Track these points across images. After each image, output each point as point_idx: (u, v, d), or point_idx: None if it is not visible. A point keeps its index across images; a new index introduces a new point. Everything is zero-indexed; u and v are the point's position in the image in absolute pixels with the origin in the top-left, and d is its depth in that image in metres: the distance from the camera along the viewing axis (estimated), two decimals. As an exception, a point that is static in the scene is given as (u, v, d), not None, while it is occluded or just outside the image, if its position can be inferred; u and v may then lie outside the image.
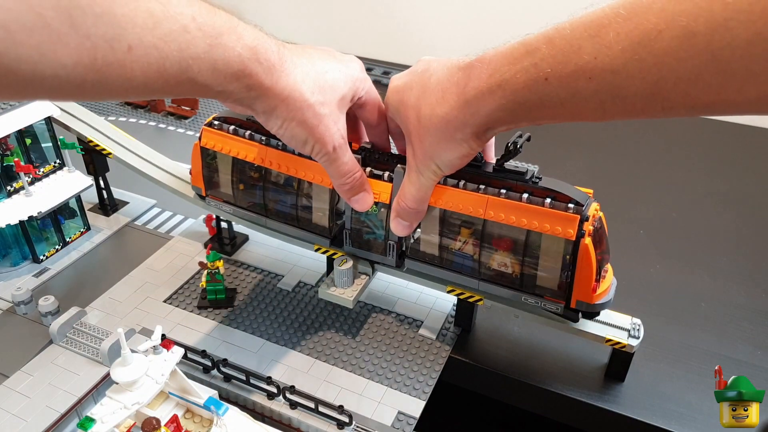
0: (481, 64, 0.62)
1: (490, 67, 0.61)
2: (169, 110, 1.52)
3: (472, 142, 0.66)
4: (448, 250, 0.81)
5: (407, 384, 0.83)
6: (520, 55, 0.58)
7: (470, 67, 0.63)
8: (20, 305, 0.92)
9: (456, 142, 0.66)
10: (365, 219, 0.85)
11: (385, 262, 0.87)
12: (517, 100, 0.58)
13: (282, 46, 0.64)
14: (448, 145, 0.67)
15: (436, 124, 0.65)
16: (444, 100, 0.65)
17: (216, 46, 0.55)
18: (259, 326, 0.92)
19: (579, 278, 0.73)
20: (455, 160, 0.69)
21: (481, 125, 0.63)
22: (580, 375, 0.85)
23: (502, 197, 0.74)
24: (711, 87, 0.44)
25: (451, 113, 0.64)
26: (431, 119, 0.66)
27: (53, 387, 0.81)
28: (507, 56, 0.59)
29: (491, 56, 0.62)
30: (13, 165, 0.96)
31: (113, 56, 0.47)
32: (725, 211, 1.20)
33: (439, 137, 0.66)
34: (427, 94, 0.67)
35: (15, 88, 0.45)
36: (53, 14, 0.43)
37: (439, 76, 0.67)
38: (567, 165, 1.34)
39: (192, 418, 0.72)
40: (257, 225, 0.94)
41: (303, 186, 0.86)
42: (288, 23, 1.98)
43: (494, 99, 0.60)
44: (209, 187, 0.96)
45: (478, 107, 0.62)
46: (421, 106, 0.67)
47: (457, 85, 0.63)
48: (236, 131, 0.88)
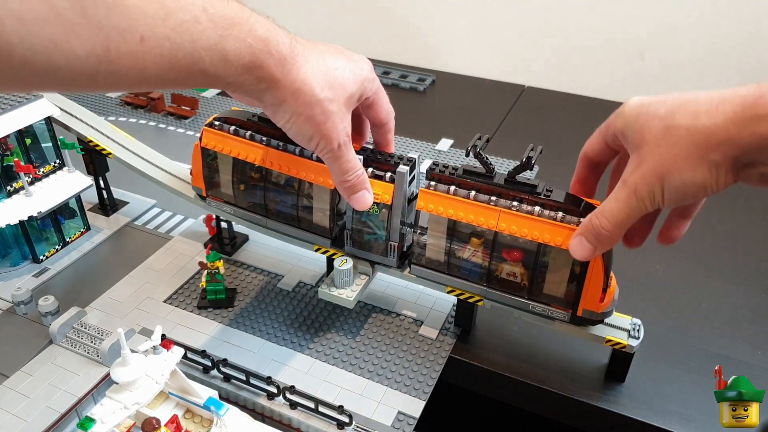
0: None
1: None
2: (169, 110, 1.52)
3: (724, 172, 0.56)
4: (456, 258, 0.81)
5: (407, 384, 0.83)
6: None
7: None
8: (20, 305, 0.92)
9: (706, 164, 0.56)
10: (366, 219, 0.85)
11: (386, 263, 0.87)
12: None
13: (294, 39, 0.64)
14: (693, 165, 0.57)
15: (692, 135, 0.57)
16: (717, 109, 0.57)
17: (227, 37, 0.55)
18: (259, 326, 0.92)
19: (587, 289, 0.74)
20: (690, 188, 0.58)
21: (750, 152, 0.54)
22: (580, 375, 0.85)
23: (513, 209, 0.74)
24: None
25: (718, 126, 0.55)
26: (687, 129, 0.57)
27: (53, 387, 0.81)
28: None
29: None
30: (13, 165, 0.96)
31: (126, 47, 0.47)
32: (725, 211, 1.20)
33: (686, 152, 0.57)
34: (691, 104, 0.59)
35: (29, 80, 0.45)
36: (66, 5, 0.43)
37: (712, 93, 0.59)
38: (567, 165, 1.33)
39: (192, 418, 0.72)
40: (258, 225, 0.94)
41: (304, 186, 0.86)
42: (288, 23, 1.98)
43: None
44: (210, 188, 0.96)
45: (763, 127, 0.53)
46: (677, 114, 0.59)
47: (744, 97, 0.55)
48: (237, 132, 0.88)
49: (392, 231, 0.84)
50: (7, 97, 0.97)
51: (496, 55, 1.75)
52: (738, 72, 1.51)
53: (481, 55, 1.77)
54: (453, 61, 1.80)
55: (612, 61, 1.63)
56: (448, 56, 1.81)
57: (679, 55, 1.55)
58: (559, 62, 1.69)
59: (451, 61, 1.80)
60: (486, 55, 1.77)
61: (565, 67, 1.69)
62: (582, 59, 1.66)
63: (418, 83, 1.69)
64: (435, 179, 0.80)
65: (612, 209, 0.63)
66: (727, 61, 1.51)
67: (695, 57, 1.54)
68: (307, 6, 1.94)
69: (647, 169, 0.60)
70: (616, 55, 1.62)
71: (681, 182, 0.58)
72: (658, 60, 1.58)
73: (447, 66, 1.81)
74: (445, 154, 1.38)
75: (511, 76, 1.75)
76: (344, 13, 1.90)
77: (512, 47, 1.73)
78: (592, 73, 1.66)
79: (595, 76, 1.66)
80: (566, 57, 1.67)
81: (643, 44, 1.58)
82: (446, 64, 1.81)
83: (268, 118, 0.88)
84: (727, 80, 1.53)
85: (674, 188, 0.58)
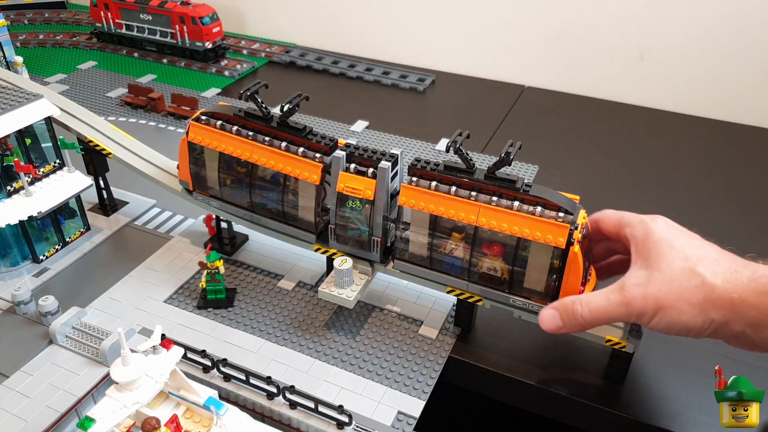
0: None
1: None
2: (169, 110, 1.52)
3: (714, 327, 0.65)
4: (438, 252, 0.82)
5: (407, 384, 0.83)
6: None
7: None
8: (20, 305, 0.92)
9: (704, 316, 0.65)
10: (350, 215, 0.85)
11: (370, 258, 0.88)
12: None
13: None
14: (694, 313, 0.65)
15: (706, 288, 0.65)
16: (727, 255, 0.67)
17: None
18: (258, 326, 0.92)
19: (566, 282, 0.75)
20: (678, 327, 0.67)
21: (745, 319, 0.64)
22: (580, 375, 0.85)
23: (493, 204, 0.75)
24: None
25: (728, 291, 0.64)
26: (703, 282, 0.65)
27: (53, 387, 0.81)
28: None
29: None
30: (13, 165, 0.96)
31: None
32: (725, 211, 1.20)
33: (695, 301, 0.65)
34: (711, 260, 0.67)
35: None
36: None
37: (728, 258, 0.68)
38: (566, 165, 1.34)
39: (192, 418, 0.72)
40: (243, 220, 0.95)
41: (289, 182, 0.87)
42: (288, 23, 1.98)
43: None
44: (196, 182, 0.96)
45: (757, 297, 0.63)
46: (699, 264, 0.66)
47: (754, 271, 0.65)
48: (224, 126, 0.89)
49: (375, 226, 0.84)
50: (7, 97, 0.97)
51: (496, 55, 1.75)
52: (738, 72, 1.51)
53: (481, 55, 1.77)
54: (453, 61, 1.80)
55: (612, 61, 1.63)
56: (448, 56, 1.81)
57: (678, 55, 1.55)
58: (559, 62, 1.69)
59: (451, 61, 1.80)
60: (486, 55, 1.77)
61: (565, 67, 1.69)
62: (582, 59, 1.66)
63: (418, 83, 1.69)
64: (417, 175, 0.81)
65: (599, 306, 0.70)
66: (727, 61, 1.51)
67: (695, 57, 1.54)
68: (307, 6, 1.94)
69: (651, 294, 0.66)
70: (616, 55, 1.62)
71: (675, 320, 0.66)
72: (657, 60, 1.58)
73: (447, 66, 1.81)
74: (444, 154, 1.38)
75: (510, 76, 1.75)
76: (344, 13, 1.90)
77: (512, 47, 1.73)
78: (592, 73, 1.66)
79: (595, 76, 1.66)
80: (566, 57, 1.67)
81: (643, 44, 1.58)
82: (446, 64, 1.81)
83: (254, 113, 0.90)
84: (728, 80, 1.53)
85: (666, 321, 0.66)
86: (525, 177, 0.77)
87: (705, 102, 1.57)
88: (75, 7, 2.22)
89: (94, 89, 1.66)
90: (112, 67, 1.80)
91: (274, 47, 1.90)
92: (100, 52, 1.90)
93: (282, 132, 0.88)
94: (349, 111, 1.56)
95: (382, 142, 1.43)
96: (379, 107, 1.59)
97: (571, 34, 1.64)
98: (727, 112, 1.54)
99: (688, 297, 0.65)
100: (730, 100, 1.54)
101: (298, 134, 0.87)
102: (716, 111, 1.55)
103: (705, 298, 0.64)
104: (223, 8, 1.94)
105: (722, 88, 1.55)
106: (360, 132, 1.47)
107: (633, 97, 1.63)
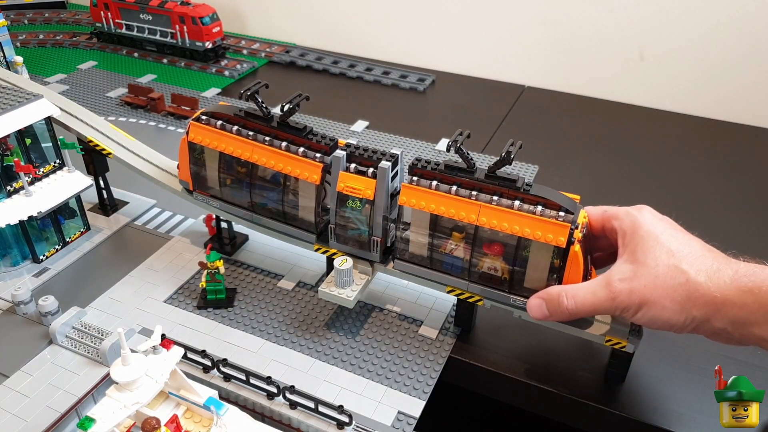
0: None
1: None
2: (169, 110, 1.52)
3: (694, 325, 0.67)
4: (438, 252, 0.82)
5: (407, 384, 0.83)
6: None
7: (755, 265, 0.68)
8: (20, 305, 0.92)
9: (686, 313, 0.67)
10: (350, 215, 0.85)
11: (370, 258, 0.88)
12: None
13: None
14: (676, 309, 0.67)
15: (688, 286, 0.67)
16: (711, 252, 0.69)
17: None
18: (258, 326, 0.92)
19: (567, 282, 0.75)
20: (661, 322, 0.69)
21: (726, 317, 0.66)
22: (580, 375, 0.85)
23: (493, 204, 0.75)
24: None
25: (710, 289, 0.66)
26: (687, 280, 0.67)
27: (53, 387, 0.81)
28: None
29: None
30: (13, 165, 0.96)
31: None
32: (725, 211, 1.20)
33: (678, 298, 0.67)
34: (696, 257, 0.68)
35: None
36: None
37: (711, 255, 0.70)
38: (567, 165, 1.34)
39: (192, 418, 0.72)
40: (243, 220, 0.95)
41: (289, 182, 0.87)
42: (288, 24, 1.98)
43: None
44: (196, 182, 0.96)
45: (739, 295, 0.64)
46: (684, 261, 0.68)
47: (736, 270, 0.67)
48: (224, 126, 0.89)
49: (375, 226, 0.84)
50: (7, 97, 0.97)
51: (496, 55, 1.75)
52: (738, 72, 1.51)
53: (481, 55, 1.77)
54: (453, 61, 1.80)
55: (612, 61, 1.63)
56: (448, 56, 1.81)
57: (678, 55, 1.55)
58: (559, 62, 1.69)
59: (451, 61, 1.80)
60: (486, 55, 1.77)
61: (565, 67, 1.69)
62: (582, 59, 1.66)
63: (418, 83, 1.69)
64: (417, 174, 0.81)
65: (585, 299, 0.71)
66: (727, 61, 1.51)
67: (695, 57, 1.54)
68: (307, 6, 1.94)
69: (636, 289, 0.68)
70: (616, 55, 1.62)
71: (658, 316, 0.68)
72: (657, 60, 1.58)
73: (447, 66, 1.81)
74: (445, 154, 1.38)
75: (510, 76, 1.75)
76: (344, 13, 1.90)
77: (512, 47, 1.73)
78: (592, 73, 1.66)
79: (595, 76, 1.66)
80: (566, 57, 1.67)
81: (643, 44, 1.58)
82: (446, 64, 1.81)
83: (254, 113, 0.90)
84: (728, 80, 1.53)
85: (649, 316, 0.68)
86: (525, 177, 0.77)
87: (705, 102, 1.57)
88: (75, 7, 2.22)
89: (94, 89, 1.66)
90: (112, 67, 1.80)
91: (274, 47, 1.90)
92: (100, 52, 1.90)
93: (282, 132, 0.88)
94: (349, 111, 1.56)
95: (382, 142, 1.43)
96: (379, 107, 1.59)
97: (571, 34, 1.64)
98: (727, 112, 1.54)
99: (671, 294, 0.67)
100: (730, 100, 1.54)
101: (299, 134, 0.87)
102: (716, 111, 1.55)
103: (688, 296, 0.66)
104: (223, 8, 1.94)
105: (722, 88, 1.55)
106: (360, 132, 1.47)
107: (633, 97, 1.63)
